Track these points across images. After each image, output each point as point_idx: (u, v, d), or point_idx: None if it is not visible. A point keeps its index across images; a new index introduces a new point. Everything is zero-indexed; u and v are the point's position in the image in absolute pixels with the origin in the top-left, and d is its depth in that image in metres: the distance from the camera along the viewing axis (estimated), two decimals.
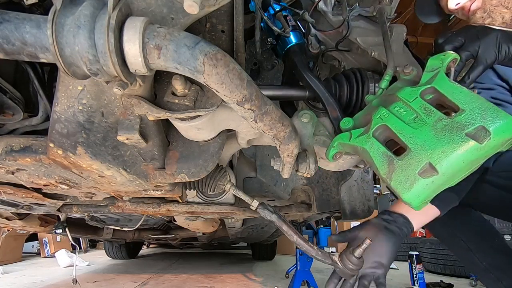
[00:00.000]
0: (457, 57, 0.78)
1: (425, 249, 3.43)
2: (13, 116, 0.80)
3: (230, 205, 1.32)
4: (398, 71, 0.87)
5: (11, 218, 1.60)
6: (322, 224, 7.15)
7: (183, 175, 0.82)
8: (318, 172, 1.44)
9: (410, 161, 0.65)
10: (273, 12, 1.06)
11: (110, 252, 4.23)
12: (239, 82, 0.57)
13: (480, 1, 1.17)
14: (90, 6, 0.49)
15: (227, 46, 0.83)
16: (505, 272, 1.29)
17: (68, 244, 4.56)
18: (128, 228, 2.21)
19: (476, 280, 2.71)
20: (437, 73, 0.73)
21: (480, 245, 1.34)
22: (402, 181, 0.65)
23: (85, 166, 0.74)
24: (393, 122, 0.71)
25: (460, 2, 1.20)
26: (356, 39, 1.02)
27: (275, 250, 4.35)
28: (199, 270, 3.42)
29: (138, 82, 0.59)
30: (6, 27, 0.49)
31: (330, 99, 0.90)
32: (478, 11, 1.17)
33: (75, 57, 0.50)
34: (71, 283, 2.01)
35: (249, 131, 0.84)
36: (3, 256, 4.16)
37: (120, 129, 0.70)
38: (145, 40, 0.51)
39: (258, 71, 1.26)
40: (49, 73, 0.87)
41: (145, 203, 1.29)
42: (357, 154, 0.78)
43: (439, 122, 0.66)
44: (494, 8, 1.14)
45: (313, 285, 2.26)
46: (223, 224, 2.10)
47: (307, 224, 4.31)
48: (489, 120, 0.62)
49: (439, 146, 0.63)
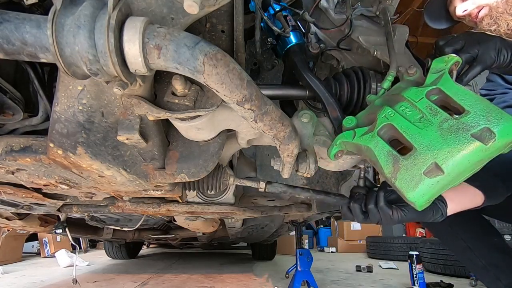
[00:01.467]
0: (459, 60, 0.79)
1: (425, 249, 3.43)
2: (13, 116, 0.80)
3: (230, 205, 1.32)
4: (401, 72, 0.87)
5: (11, 218, 1.60)
6: (322, 224, 7.15)
7: (183, 175, 0.82)
8: (318, 172, 1.44)
9: (416, 161, 0.65)
10: (273, 12, 1.06)
11: (110, 252, 4.23)
12: (239, 82, 0.57)
13: (487, 8, 1.21)
14: (90, 6, 0.49)
15: (227, 46, 0.83)
16: (504, 270, 1.29)
17: (68, 244, 4.55)
18: (128, 228, 2.21)
19: (476, 280, 2.70)
20: (442, 75, 0.74)
21: (479, 243, 1.35)
22: (407, 181, 0.65)
23: (85, 166, 0.74)
24: (398, 121, 0.72)
25: (467, 8, 1.25)
26: (358, 38, 1.03)
27: (275, 250, 4.35)
28: (199, 270, 3.42)
29: (138, 82, 0.59)
30: (6, 27, 0.49)
31: (330, 99, 0.90)
32: (485, 18, 1.21)
33: (75, 57, 0.50)
34: (71, 283, 2.01)
35: (249, 131, 0.84)
36: (3, 256, 4.16)
37: (120, 129, 0.70)
38: (145, 40, 0.51)
39: (258, 71, 1.26)
40: (49, 73, 0.87)
41: (145, 203, 1.29)
42: (360, 153, 0.78)
43: (445, 123, 0.67)
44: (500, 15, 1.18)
45: (313, 285, 2.26)
46: (223, 224, 2.10)
47: (307, 224, 4.31)
48: (494, 122, 0.62)
49: (445, 146, 0.64)
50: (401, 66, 0.89)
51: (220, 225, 2.20)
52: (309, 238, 6.69)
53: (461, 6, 1.26)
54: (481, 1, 1.23)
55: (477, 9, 1.24)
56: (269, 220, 2.22)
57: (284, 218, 2.23)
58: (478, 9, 1.24)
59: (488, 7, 1.22)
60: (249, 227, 2.27)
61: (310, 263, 2.30)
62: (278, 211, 1.53)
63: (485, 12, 1.23)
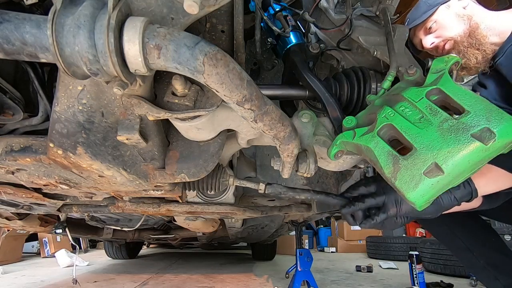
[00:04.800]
0: (459, 60, 0.79)
1: (425, 249, 3.43)
2: (13, 116, 0.80)
3: (230, 205, 1.32)
4: (401, 72, 0.87)
5: (11, 218, 1.60)
6: (322, 224, 7.15)
7: (183, 175, 0.82)
8: (318, 172, 1.44)
9: (416, 161, 0.65)
10: (273, 12, 1.06)
11: (110, 252, 4.23)
12: (239, 82, 0.57)
13: (451, 42, 1.25)
14: (90, 6, 0.49)
15: (227, 46, 0.82)
16: (502, 270, 1.30)
17: (68, 244, 4.56)
18: (128, 228, 2.21)
19: (476, 280, 2.70)
20: (442, 75, 0.74)
21: (478, 243, 1.35)
22: (407, 181, 0.65)
23: (85, 166, 0.74)
24: (398, 121, 0.72)
25: (434, 41, 1.28)
26: (358, 38, 1.02)
27: (275, 250, 4.35)
28: (199, 270, 3.42)
29: (138, 82, 0.59)
30: (6, 27, 0.49)
31: (330, 99, 0.90)
32: (452, 51, 1.24)
33: (75, 57, 0.50)
34: (71, 283, 2.01)
35: (249, 131, 0.84)
36: (3, 256, 4.16)
37: (120, 129, 0.70)
38: (145, 40, 0.51)
39: (258, 71, 1.26)
40: (49, 73, 0.87)
41: (145, 203, 1.29)
42: (360, 153, 0.78)
43: (445, 123, 0.67)
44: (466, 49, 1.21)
45: (313, 285, 2.26)
46: (223, 224, 2.10)
47: (307, 224, 4.31)
48: (494, 122, 0.62)
49: (445, 146, 0.64)
50: (401, 66, 0.89)
51: (220, 225, 2.20)
52: (309, 238, 6.69)
53: (428, 40, 1.29)
54: (444, 34, 1.25)
55: (443, 42, 1.26)
56: (269, 220, 2.22)
57: (284, 218, 2.23)
58: (444, 42, 1.26)
59: (452, 40, 1.24)
60: (249, 227, 2.27)
61: (310, 263, 2.30)
62: (278, 211, 1.53)
63: (450, 46, 1.25)
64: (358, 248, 5.79)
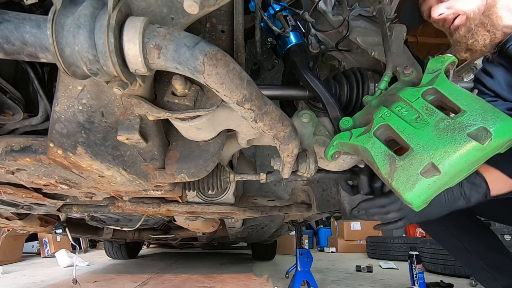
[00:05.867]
0: (455, 60, 0.79)
1: (425, 249, 3.43)
2: (13, 116, 0.80)
3: (230, 205, 1.32)
4: (398, 72, 0.87)
5: (11, 218, 1.60)
6: (322, 224, 7.15)
7: (183, 175, 0.82)
8: None
9: (412, 161, 0.65)
10: (273, 12, 1.07)
11: (110, 252, 4.23)
12: (239, 82, 0.57)
13: (463, 17, 1.15)
14: (90, 6, 0.49)
15: (227, 46, 0.83)
16: (501, 271, 1.29)
17: (68, 244, 4.55)
18: (128, 228, 2.21)
19: (476, 281, 2.70)
20: (438, 75, 0.74)
21: (476, 244, 1.35)
22: (404, 181, 0.65)
23: (85, 166, 0.74)
24: (395, 121, 0.72)
25: (443, 12, 1.18)
26: (356, 38, 1.03)
27: (275, 250, 4.35)
28: (199, 270, 3.42)
29: (138, 82, 0.59)
30: (6, 27, 0.49)
31: (330, 99, 0.90)
32: (462, 27, 1.15)
33: (75, 57, 0.50)
34: (71, 283, 2.01)
35: (249, 131, 0.84)
36: (3, 256, 4.16)
37: (120, 129, 0.70)
38: (145, 40, 0.51)
39: (258, 71, 1.26)
40: (49, 73, 0.87)
41: (145, 203, 1.29)
42: (357, 154, 0.78)
43: (441, 123, 0.66)
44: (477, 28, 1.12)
45: (313, 285, 2.26)
46: (223, 224, 2.10)
47: (307, 224, 4.31)
48: (490, 121, 0.62)
49: (442, 146, 0.64)
50: (398, 66, 0.89)
51: (220, 225, 2.20)
52: (309, 238, 6.69)
53: (437, 9, 1.18)
54: (457, 7, 1.15)
55: (453, 15, 1.16)
56: (269, 220, 2.22)
57: (284, 218, 2.23)
58: (454, 16, 1.16)
59: (465, 15, 1.14)
60: (249, 227, 2.27)
61: (310, 263, 2.30)
62: (278, 211, 1.53)
63: (461, 21, 1.15)
64: (358, 248, 5.79)
